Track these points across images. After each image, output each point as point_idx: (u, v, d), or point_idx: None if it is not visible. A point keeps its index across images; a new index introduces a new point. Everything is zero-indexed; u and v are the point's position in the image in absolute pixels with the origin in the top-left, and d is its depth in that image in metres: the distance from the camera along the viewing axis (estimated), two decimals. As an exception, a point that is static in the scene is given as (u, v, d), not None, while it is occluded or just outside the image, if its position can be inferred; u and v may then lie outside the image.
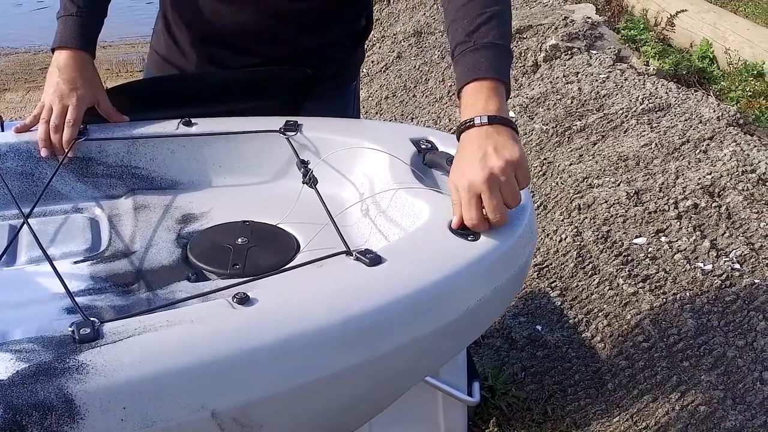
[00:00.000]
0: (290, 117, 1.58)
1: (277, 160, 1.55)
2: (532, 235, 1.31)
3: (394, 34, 5.13)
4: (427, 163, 1.46)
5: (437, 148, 1.49)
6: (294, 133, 1.54)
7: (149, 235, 1.41)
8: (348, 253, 1.18)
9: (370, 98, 4.58)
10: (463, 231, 1.23)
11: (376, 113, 4.44)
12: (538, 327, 2.47)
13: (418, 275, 1.13)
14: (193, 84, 1.67)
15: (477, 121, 1.25)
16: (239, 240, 1.37)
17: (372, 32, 5.51)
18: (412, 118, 4.10)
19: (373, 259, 1.14)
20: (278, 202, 1.47)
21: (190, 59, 1.70)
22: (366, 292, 1.09)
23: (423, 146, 1.49)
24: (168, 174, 1.56)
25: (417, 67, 4.61)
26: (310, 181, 1.40)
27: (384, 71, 4.79)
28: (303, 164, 1.44)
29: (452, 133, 1.33)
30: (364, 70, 4.87)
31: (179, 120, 1.57)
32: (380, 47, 5.10)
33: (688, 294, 2.37)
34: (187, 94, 1.64)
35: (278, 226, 1.42)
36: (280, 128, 1.55)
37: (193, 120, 1.58)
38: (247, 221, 1.43)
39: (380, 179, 1.44)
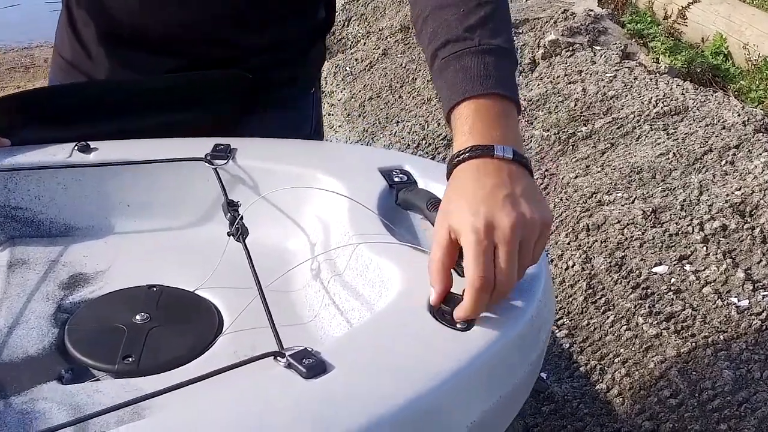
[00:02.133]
0: (222, 139, 1.19)
1: (201, 199, 1.16)
2: (550, 314, 0.92)
3: (379, 30, 4.75)
4: (401, 204, 1.07)
5: (416, 183, 1.10)
6: (224, 162, 1.16)
7: (19, 307, 1.02)
8: (278, 354, 0.79)
9: (352, 99, 4.19)
10: (447, 310, 0.85)
11: (359, 116, 4.05)
12: (543, 375, 2.09)
13: (377, 394, 0.74)
14: (100, 94, 1.28)
15: (498, 151, 0.89)
16: (138, 317, 0.98)
17: (356, 28, 5.10)
18: (398, 122, 3.72)
19: (311, 367, 0.76)
20: (201, 256, 1.09)
21: (99, 62, 1.31)
22: (297, 424, 0.71)
23: (396, 179, 1.10)
24: (58, 216, 1.17)
25: (404, 65, 4.23)
26: (239, 233, 1.01)
27: (368, 70, 4.40)
28: (230, 207, 1.05)
29: (447, 160, 0.94)
30: (347, 68, 4.48)
31: (73, 144, 1.18)
32: (365, 44, 4.71)
33: (722, 337, 2.00)
34: (90, 108, 1.25)
35: (196, 293, 1.04)
36: (207, 155, 1.16)
37: (92, 144, 1.19)
38: (155, 286, 1.04)
39: (338, 226, 1.06)
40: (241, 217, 1.03)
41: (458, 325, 0.83)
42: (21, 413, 0.86)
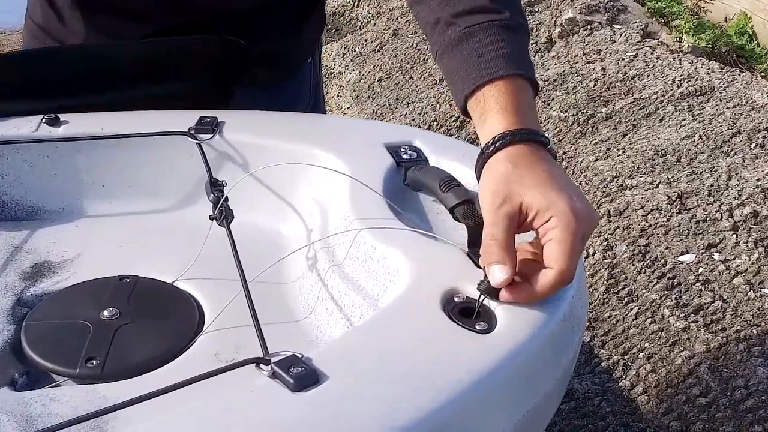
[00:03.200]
0: (208, 111, 1.06)
1: (184, 178, 1.03)
2: (583, 310, 0.79)
3: (390, 10, 4.60)
4: (411, 184, 0.94)
5: (427, 161, 0.97)
6: (210, 136, 1.02)
7: (-27, 300, 0.89)
8: (262, 361, 0.66)
9: (362, 80, 4.05)
10: (464, 310, 0.72)
11: (369, 97, 3.91)
12: (562, 370, 1.96)
13: (378, 412, 0.61)
14: (74, 61, 1.14)
15: (548, 143, 0.83)
16: (106, 312, 0.85)
17: (366, 8, 4.95)
18: (408, 103, 3.58)
19: (300, 377, 0.63)
20: (182, 243, 0.96)
21: (72, 27, 1.17)
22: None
23: (405, 156, 0.97)
24: (24, 198, 1.04)
25: (415, 45, 4.08)
26: (222, 216, 0.88)
27: (378, 50, 4.26)
28: (214, 188, 0.92)
29: (476, 142, 0.83)
30: (357, 49, 4.34)
31: (41, 117, 1.05)
32: (375, 24, 4.57)
33: (755, 331, 1.86)
34: (63, 76, 1.12)
35: (175, 285, 0.91)
36: (191, 128, 1.03)
37: (62, 117, 1.06)
38: (128, 276, 0.91)
39: (337, 209, 0.92)
40: (226, 199, 0.89)
41: (478, 327, 0.70)
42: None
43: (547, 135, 0.85)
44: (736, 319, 1.90)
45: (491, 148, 0.80)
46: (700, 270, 2.07)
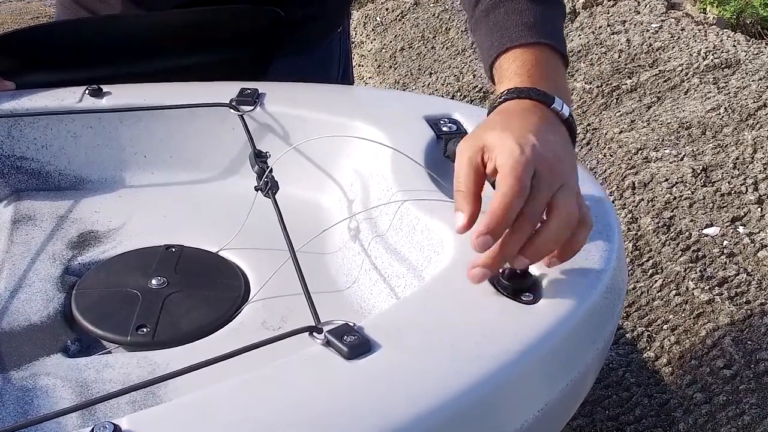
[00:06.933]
0: (249, 83, 1.07)
1: (226, 149, 1.05)
2: (623, 283, 0.80)
3: (411, -21, 4.58)
4: (451, 157, 0.95)
5: (467, 133, 0.98)
6: (251, 108, 1.03)
7: (23, 268, 0.91)
8: (315, 329, 0.68)
9: (383, 50, 4.04)
10: (511, 279, 0.73)
11: (390, 67, 3.90)
12: (586, 341, 1.97)
13: (431, 379, 0.63)
14: (111, 32, 1.15)
15: (557, 105, 0.81)
16: (154, 281, 0.87)
17: (386, -24, 4.88)
18: (431, 73, 3.57)
19: (354, 346, 0.64)
20: (225, 213, 0.98)
21: None
22: (337, 414, 0.60)
23: (445, 129, 0.98)
24: (68, 168, 1.06)
25: (436, 14, 4.07)
26: (268, 187, 0.89)
27: (399, 20, 4.25)
28: (258, 159, 0.93)
29: (488, 99, 0.83)
30: (378, 18, 4.33)
31: (84, 88, 1.07)
32: (395, -7, 4.55)
33: (780, 304, 1.87)
34: (100, 47, 1.13)
35: (219, 254, 0.92)
36: (232, 100, 1.04)
37: (105, 88, 1.07)
38: (173, 246, 0.93)
39: (379, 181, 0.94)
40: (271, 170, 0.91)
41: (524, 297, 0.71)
42: (21, 390, 0.76)
43: (554, 97, 0.81)
44: (761, 292, 1.91)
45: (490, 108, 0.82)
46: (725, 243, 2.07)
